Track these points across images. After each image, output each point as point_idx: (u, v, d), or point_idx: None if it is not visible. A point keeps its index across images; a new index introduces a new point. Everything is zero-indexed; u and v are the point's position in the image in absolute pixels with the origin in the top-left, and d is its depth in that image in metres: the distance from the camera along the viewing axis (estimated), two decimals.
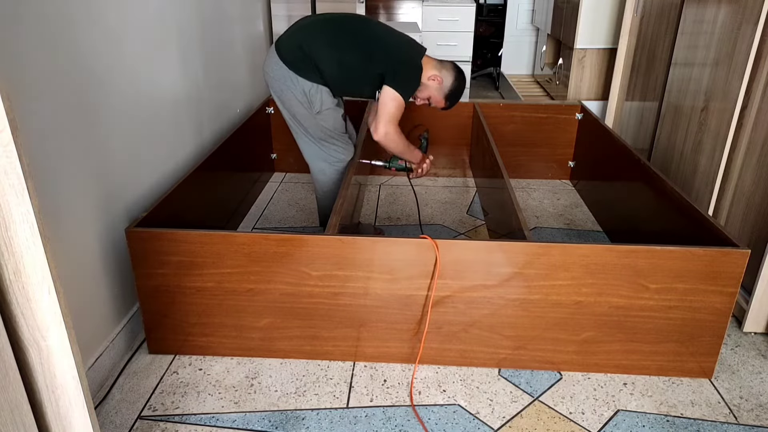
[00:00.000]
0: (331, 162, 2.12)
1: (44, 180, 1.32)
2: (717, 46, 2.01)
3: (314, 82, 1.93)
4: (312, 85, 1.94)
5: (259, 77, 3.10)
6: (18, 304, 0.92)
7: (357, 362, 1.67)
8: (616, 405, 1.54)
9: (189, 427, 1.45)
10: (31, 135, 1.27)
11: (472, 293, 1.55)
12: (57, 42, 1.36)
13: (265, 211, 2.61)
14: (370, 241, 1.51)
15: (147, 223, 1.59)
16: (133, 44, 1.71)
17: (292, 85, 1.94)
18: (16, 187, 0.84)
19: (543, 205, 2.73)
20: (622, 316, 1.56)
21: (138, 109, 1.75)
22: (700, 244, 1.50)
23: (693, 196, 2.11)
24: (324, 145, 2.09)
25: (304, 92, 1.94)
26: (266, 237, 1.51)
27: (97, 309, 1.57)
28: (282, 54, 1.94)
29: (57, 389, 1.00)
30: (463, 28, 4.13)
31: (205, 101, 2.29)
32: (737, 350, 1.76)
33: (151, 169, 1.85)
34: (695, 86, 2.15)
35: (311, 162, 2.15)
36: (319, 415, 1.49)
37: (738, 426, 1.48)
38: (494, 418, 1.49)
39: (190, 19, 2.12)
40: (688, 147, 2.19)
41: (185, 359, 1.68)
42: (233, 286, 1.57)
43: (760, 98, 1.79)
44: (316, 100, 1.96)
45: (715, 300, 1.53)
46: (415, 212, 2.62)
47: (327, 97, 1.98)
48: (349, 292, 1.57)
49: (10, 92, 0.92)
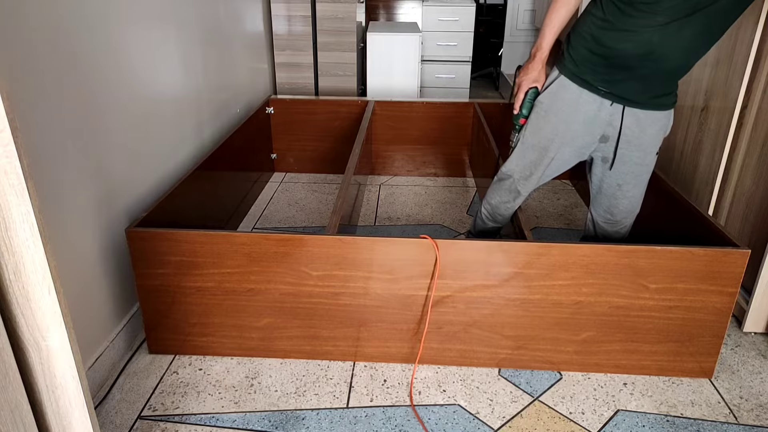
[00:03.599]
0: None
1: (44, 180, 1.32)
2: (717, 45, 2.01)
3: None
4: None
5: (260, 77, 3.10)
6: (18, 304, 0.92)
7: (357, 362, 1.67)
8: (616, 405, 1.54)
9: (189, 427, 1.45)
10: (31, 135, 1.27)
11: (472, 293, 1.55)
12: (57, 42, 1.36)
13: (265, 211, 2.61)
14: (370, 241, 1.51)
15: (147, 223, 1.59)
16: (134, 44, 1.71)
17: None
18: (16, 187, 0.84)
19: (543, 205, 2.73)
20: (622, 316, 1.56)
21: (138, 108, 1.75)
22: (700, 244, 1.50)
23: (693, 196, 2.11)
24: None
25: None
26: (266, 237, 1.51)
27: (97, 309, 1.57)
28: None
29: (57, 389, 1.00)
30: (463, 28, 4.13)
31: (205, 101, 2.29)
32: (737, 350, 1.76)
33: (151, 169, 1.85)
34: (695, 86, 2.15)
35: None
36: (319, 415, 1.49)
37: (738, 426, 1.48)
38: (494, 418, 1.49)
39: (190, 19, 2.12)
40: (688, 147, 2.19)
41: (185, 359, 1.68)
42: (233, 286, 1.57)
43: (760, 98, 1.79)
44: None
45: (715, 300, 1.53)
46: (415, 212, 2.62)
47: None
48: (349, 292, 1.57)
49: (10, 92, 0.92)
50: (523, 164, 1.69)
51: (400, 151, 3.01)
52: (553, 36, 1.57)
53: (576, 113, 1.56)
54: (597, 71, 1.51)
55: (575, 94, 1.55)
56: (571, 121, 1.57)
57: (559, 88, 1.58)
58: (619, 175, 1.63)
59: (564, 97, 1.57)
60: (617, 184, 1.64)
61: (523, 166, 1.69)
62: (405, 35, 3.39)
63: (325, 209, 2.63)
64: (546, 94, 1.61)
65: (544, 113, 1.61)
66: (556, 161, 1.64)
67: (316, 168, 3.04)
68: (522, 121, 1.67)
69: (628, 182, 1.63)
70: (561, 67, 1.58)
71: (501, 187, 1.78)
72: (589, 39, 1.50)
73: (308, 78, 3.35)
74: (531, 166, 1.67)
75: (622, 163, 1.61)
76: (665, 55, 1.41)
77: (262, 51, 3.14)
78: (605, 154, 1.62)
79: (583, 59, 1.52)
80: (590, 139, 1.60)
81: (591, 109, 1.55)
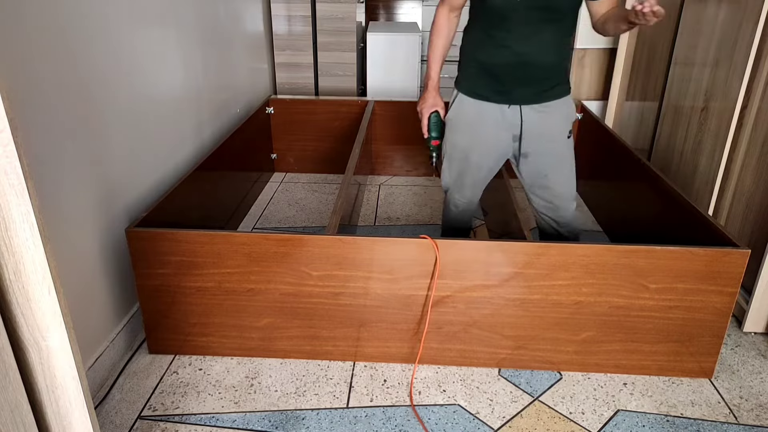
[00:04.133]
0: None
1: (44, 180, 1.32)
2: (717, 45, 2.01)
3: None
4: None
5: (260, 77, 3.10)
6: (18, 304, 0.92)
7: (357, 362, 1.67)
8: (616, 405, 1.54)
9: (189, 427, 1.45)
10: (31, 135, 1.27)
11: (472, 293, 1.55)
12: (57, 42, 1.36)
13: (265, 211, 2.61)
14: (370, 241, 1.51)
15: (147, 223, 1.59)
16: (134, 44, 1.71)
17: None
18: (16, 187, 0.84)
19: None
20: (622, 316, 1.56)
21: (138, 108, 1.75)
22: (700, 244, 1.50)
23: (693, 196, 2.11)
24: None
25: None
26: (266, 237, 1.51)
27: (97, 309, 1.57)
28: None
29: (57, 389, 1.00)
30: (463, 28, 4.12)
31: (205, 101, 2.29)
32: (737, 350, 1.76)
33: (151, 169, 1.85)
34: (695, 86, 2.15)
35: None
36: (319, 415, 1.49)
37: (738, 426, 1.48)
38: (494, 418, 1.49)
39: (190, 19, 2.12)
40: (688, 147, 2.19)
41: (185, 359, 1.68)
42: (233, 286, 1.57)
43: (760, 98, 1.79)
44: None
45: (715, 300, 1.53)
46: (415, 212, 2.62)
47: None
48: (349, 292, 1.57)
49: (10, 92, 0.92)
50: (453, 176, 1.82)
51: (400, 151, 3.01)
52: (438, 66, 1.75)
53: (482, 123, 1.70)
54: (486, 83, 1.66)
55: (476, 106, 1.69)
56: (481, 129, 1.70)
57: (461, 104, 1.73)
58: (541, 166, 1.72)
59: (467, 110, 1.71)
60: (543, 175, 1.73)
61: (454, 177, 1.82)
62: (405, 35, 3.39)
63: (325, 209, 2.64)
64: (452, 111, 1.76)
65: (455, 128, 1.75)
66: (482, 168, 1.77)
67: (316, 168, 3.04)
68: (434, 143, 1.81)
69: (552, 170, 1.73)
70: (458, 86, 1.75)
71: (447, 199, 1.93)
72: (471, 57, 1.68)
73: (308, 78, 3.35)
74: (459, 176, 1.80)
75: (538, 155, 1.71)
76: (535, 59, 1.58)
77: (262, 51, 3.14)
78: (522, 150, 1.73)
79: (471, 75, 1.69)
80: (504, 140, 1.71)
81: (492, 116, 1.68)
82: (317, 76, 3.37)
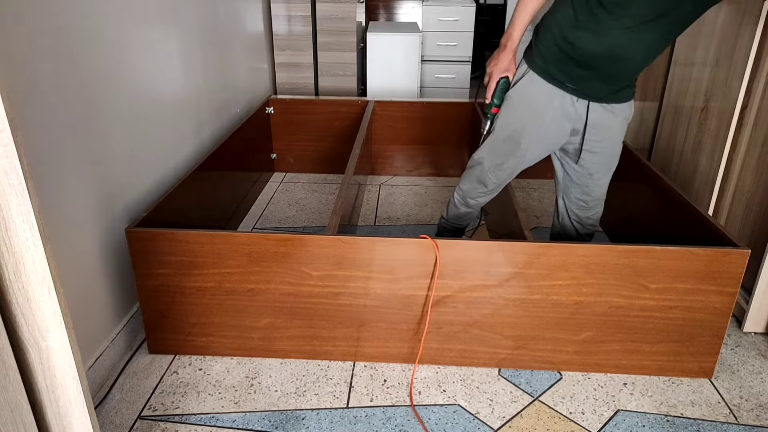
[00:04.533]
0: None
1: (44, 180, 1.32)
2: (717, 46, 2.01)
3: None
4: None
5: (260, 77, 3.10)
6: (18, 304, 0.92)
7: (357, 362, 1.67)
8: (616, 405, 1.54)
9: (189, 427, 1.45)
10: (31, 135, 1.27)
11: (472, 293, 1.55)
12: (57, 42, 1.36)
13: (265, 211, 2.61)
14: (370, 241, 1.51)
15: (147, 223, 1.59)
16: (134, 44, 1.71)
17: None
18: (16, 187, 0.84)
19: (543, 205, 2.73)
20: (622, 316, 1.56)
21: (138, 108, 1.75)
22: (700, 244, 1.50)
23: (693, 196, 2.11)
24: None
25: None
26: (266, 237, 1.51)
27: (97, 309, 1.57)
28: None
29: (57, 389, 1.00)
30: (463, 28, 4.13)
31: (205, 101, 2.29)
32: (737, 350, 1.76)
33: (151, 169, 1.85)
34: (695, 86, 2.15)
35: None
36: (319, 415, 1.49)
37: (738, 426, 1.48)
38: (494, 418, 1.49)
39: (190, 20, 2.12)
40: (688, 147, 2.19)
41: (185, 359, 1.68)
42: (233, 286, 1.57)
43: (760, 98, 1.79)
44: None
45: (715, 300, 1.53)
46: (415, 212, 2.62)
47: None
48: (349, 292, 1.57)
49: (10, 92, 0.92)
50: (494, 154, 1.70)
51: (400, 151, 3.01)
52: (524, 27, 1.58)
53: (546, 109, 1.58)
54: (563, 68, 1.52)
55: (544, 90, 1.56)
56: (541, 117, 1.59)
57: (529, 84, 1.59)
58: (591, 165, 1.68)
59: (533, 92, 1.58)
60: (589, 174, 1.69)
61: (495, 156, 1.70)
62: (405, 35, 3.39)
63: (325, 209, 2.64)
64: (515, 89, 1.62)
65: (515, 107, 1.62)
66: (529, 154, 1.67)
67: (316, 168, 3.04)
68: (494, 110, 1.67)
69: (599, 171, 1.69)
70: (529, 62, 1.59)
71: (472, 174, 1.80)
72: (557, 35, 1.51)
73: (308, 78, 3.35)
74: (503, 157, 1.69)
75: (592, 154, 1.65)
76: (628, 56, 1.45)
77: (262, 51, 3.14)
78: (575, 146, 1.66)
79: (551, 55, 1.53)
80: (561, 133, 1.62)
81: (560, 105, 1.57)
82: (317, 76, 3.37)
